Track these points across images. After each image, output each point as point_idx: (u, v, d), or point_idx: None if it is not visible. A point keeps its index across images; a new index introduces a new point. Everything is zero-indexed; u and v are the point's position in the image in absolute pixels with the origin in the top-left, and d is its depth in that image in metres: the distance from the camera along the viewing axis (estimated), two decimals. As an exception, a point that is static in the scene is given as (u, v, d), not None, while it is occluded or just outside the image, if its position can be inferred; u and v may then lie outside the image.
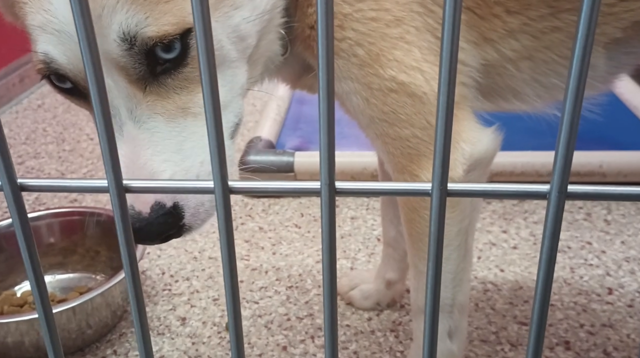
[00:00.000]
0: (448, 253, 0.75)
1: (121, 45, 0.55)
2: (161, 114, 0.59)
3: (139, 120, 0.59)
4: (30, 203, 1.49)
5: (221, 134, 0.37)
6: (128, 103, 0.58)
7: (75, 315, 0.99)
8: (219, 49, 0.61)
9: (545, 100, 0.77)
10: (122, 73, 0.57)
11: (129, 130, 0.59)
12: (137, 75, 0.58)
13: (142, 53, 0.56)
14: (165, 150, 0.59)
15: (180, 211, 0.60)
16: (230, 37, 0.62)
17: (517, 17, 0.69)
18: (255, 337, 1.07)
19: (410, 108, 0.68)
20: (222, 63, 0.62)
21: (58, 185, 0.41)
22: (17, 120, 2.06)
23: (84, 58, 0.35)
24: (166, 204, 0.59)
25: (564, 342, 1.03)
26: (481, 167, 0.72)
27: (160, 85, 0.59)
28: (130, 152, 0.58)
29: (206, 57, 0.33)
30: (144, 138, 0.59)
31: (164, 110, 0.59)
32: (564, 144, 0.34)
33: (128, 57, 0.56)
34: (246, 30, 0.63)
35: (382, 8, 0.66)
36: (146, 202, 0.58)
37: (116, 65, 0.57)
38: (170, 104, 0.60)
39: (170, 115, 0.60)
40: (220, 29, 0.60)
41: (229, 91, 0.63)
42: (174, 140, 0.60)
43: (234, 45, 0.62)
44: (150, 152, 0.59)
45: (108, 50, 0.56)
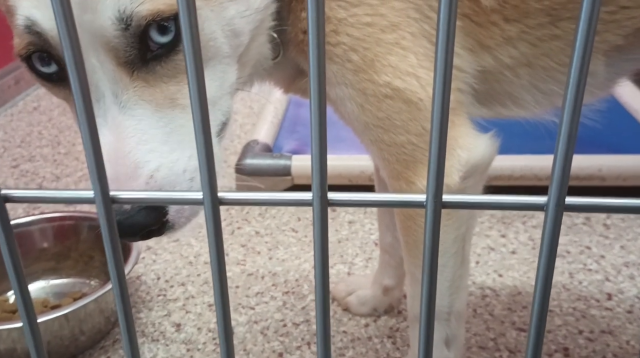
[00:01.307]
0: (445, 261, 0.74)
1: (116, 24, 0.53)
2: (148, 102, 0.56)
3: (124, 105, 0.55)
4: (24, 208, 1.48)
5: (210, 144, 0.36)
6: (114, 86, 0.55)
7: (69, 321, 0.98)
8: (213, 41, 0.59)
9: (543, 106, 0.76)
10: (111, 54, 0.54)
11: (113, 115, 0.55)
12: (126, 58, 0.55)
13: (135, 35, 0.54)
14: (151, 140, 0.56)
15: (165, 206, 0.57)
16: (225, 30, 0.60)
17: (515, 25, 0.69)
18: (250, 343, 1.06)
19: (405, 114, 0.67)
20: (214, 57, 0.60)
21: (43, 196, 0.40)
22: (12, 123, 2.05)
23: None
24: None
25: (563, 348, 1.02)
26: (478, 174, 0.72)
27: (149, 72, 0.56)
28: (114, 139, 0.55)
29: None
30: (130, 125, 0.55)
31: (152, 98, 0.56)
32: (562, 155, 0.33)
33: (121, 37, 0.54)
34: (240, 25, 0.61)
35: (378, 13, 0.65)
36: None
37: (105, 46, 0.54)
38: (158, 93, 0.57)
39: (158, 104, 0.57)
40: (214, 20, 0.58)
41: (218, 87, 0.61)
42: (161, 130, 0.57)
43: (227, 39, 0.60)
44: (135, 141, 0.55)
45: (100, 28, 0.53)
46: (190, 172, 0.58)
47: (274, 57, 0.71)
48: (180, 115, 0.58)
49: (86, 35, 0.53)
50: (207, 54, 0.59)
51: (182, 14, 0.32)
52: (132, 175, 0.55)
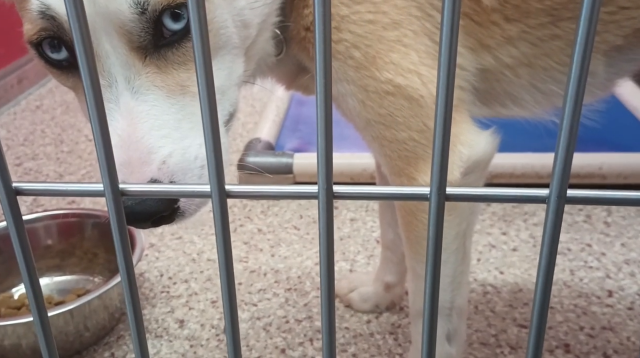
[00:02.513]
0: (446, 256, 0.75)
1: (132, 8, 0.53)
2: (160, 88, 0.56)
3: (137, 91, 0.55)
4: (27, 205, 1.49)
5: (218, 138, 0.37)
6: (126, 72, 0.55)
7: (73, 317, 0.98)
8: (224, 29, 0.59)
9: (543, 106, 0.77)
10: (124, 39, 0.54)
11: (126, 101, 0.55)
12: (139, 43, 0.55)
13: (150, 20, 0.54)
14: (164, 126, 0.56)
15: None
16: (235, 20, 0.60)
17: (516, 25, 0.69)
18: (253, 339, 1.06)
19: (407, 111, 0.68)
20: (224, 46, 0.60)
21: (54, 189, 0.41)
22: (15, 122, 2.05)
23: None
24: (162, 182, 0.55)
25: (564, 344, 1.02)
26: (479, 170, 0.72)
27: (160, 58, 0.56)
28: (127, 124, 0.55)
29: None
30: (142, 110, 0.55)
31: (164, 84, 0.57)
32: (564, 149, 0.33)
33: (137, 22, 0.54)
34: (249, 17, 0.62)
35: (380, 11, 0.66)
36: (140, 179, 0.55)
37: (120, 29, 0.54)
38: (170, 79, 0.57)
39: (170, 91, 0.57)
40: (226, 9, 0.59)
41: (227, 77, 0.62)
42: (173, 116, 0.57)
43: (237, 29, 0.61)
44: (148, 126, 0.55)
45: (115, 12, 0.53)
46: (201, 159, 0.58)
47: (277, 53, 0.72)
48: (190, 102, 0.58)
49: (100, 19, 0.53)
50: (217, 43, 0.59)
51: (190, 4, 0.32)
52: (146, 159, 0.55)
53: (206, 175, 0.57)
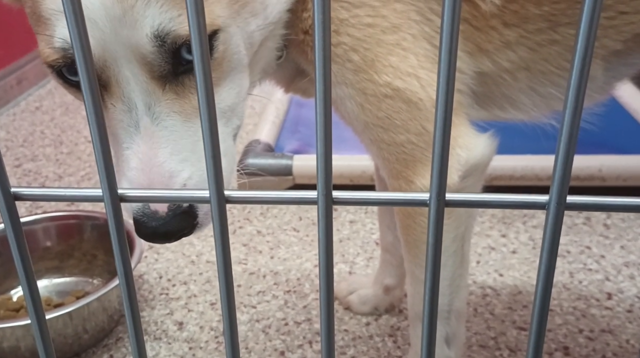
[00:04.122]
0: (444, 259, 0.75)
1: (153, 41, 0.55)
2: (178, 113, 0.59)
3: (157, 117, 0.58)
4: (27, 207, 1.49)
5: (217, 144, 0.36)
6: (147, 98, 0.58)
7: (72, 319, 0.98)
8: (237, 54, 0.61)
9: (542, 109, 0.77)
10: (145, 68, 0.56)
11: (146, 126, 0.58)
12: (159, 72, 0.57)
13: (169, 52, 0.56)
14: (182, 150, 0.59)
15: (195, 210, 0.60)
16: (245, 43, 0.62)
17: (515, 30, 0.69)
18: (252, 341, 1.06)
19: (405, 114, 0.68)
20: (235, 68, 0.62)
21: (52, 194, 0.41)
22: (14, 123, 2.05)
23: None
24: (182, 204, 0.59)
25: (563, 347, 1.02)
26: (477, 173, 0.72)
27: (179, 84, 0.58)
28: (148, 148, 0.58)
29: (203, 74, 0.33)
30: (162, 136, 0.58)
31: (181, 110, 0.59)
32: (563, 155, 0.33)
33: (157, 54, 0.55)
34: (256, 38, 0.64)
35: (379, 15, 0.66)
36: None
37: (141, 60, 0.56)
38: (187, 104, 0.59)
39: (187, 115, 0.59)
40: (239, 35, 0.60)
41: (237, 95, 0.64)
42: (190, 139, 0.59)
43: (247, 51, 0.63)
44: (168, 151, 0.58)
45: (137, 44, 0.55)
46: None
47: (277, 57, 0.72)
48: None
49: (122, 49, 0.55)
50: (230, 66, 0.61)
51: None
52: (168, 183, 0.58)
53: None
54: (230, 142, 0.65)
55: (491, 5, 0.67)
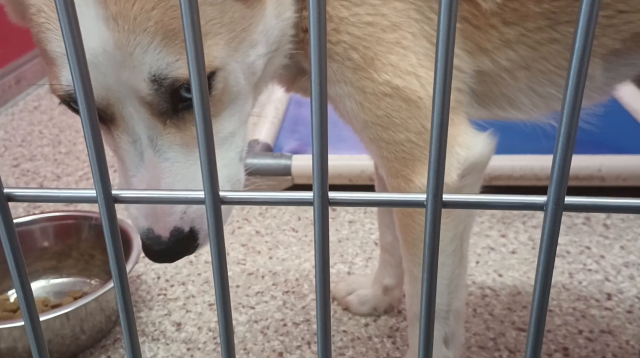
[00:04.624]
0: (443, 259, 0.74)
1: (150, 85, 0.57)
2: (180, 146, 0.62)
3: (159, 149, 0.61)
4: (24, 207, 1.48)
5: (211, 145, 0.36)
6: (149, 132, 0.61)
7: (69, 320, 0.98)
8: (237, 86, 0.63)
9: (541, 109, 0.77)
10: (146, 106, 0.59)
11: (149, 157, 0.61)
12: (159, 110, 0.59)
13: (167, 92, 0.58)
14: (183, 179, 0.62)
15: (196, 234, 0.63)
16: (246, 73, 0.64)
17: (514, 28, 0.69)
18: (251, 342, 1.06)
19: (405, 112, 0.68)
20: (236, 98, 0.64)
21: (46, 194, 0.40)
22: (13, 122, 2.05)
23: (70, 60, 0.34)
24: (184, 229, 0.62)
25: (563, 348, 1.02)
26: (476, 172, 0.72)
27: (180, 119, 0.61)
28: (151, 179, 0.61)
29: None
30: (164, 167, 0.61)
31: (183, 142, 0.62)
32: (561, 155, 0.33)
33: (154, 95, 0.58)
34: (258, 65, 0.65)
35: (379, 13, 0.66)
36: (166, 228, 0.62)
37: (141, 99, 0.58)
38: (189, 136, 0.62)
39: (188, 146, 0.62)
40: (239, 69, 0.62)
41: (237, 120, 0.65)
42: (191, 169, 0.63)
43: (247, 80, 0.64)
44: (170, 181, 0.61)
45: (135, 87, 0.57)
46: None
47: (285, 64, 0.72)
48: None
49: (123, 90, 0.58)
50: (230, 98, 0.63)
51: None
52: (170, 212, 0.62)
53: (225, 216, 0.65)
54: (235, 167, 0.67)
55: (492, 3, 0.67)
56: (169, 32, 0.56)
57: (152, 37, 0.56)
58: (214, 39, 0.59)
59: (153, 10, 0.55)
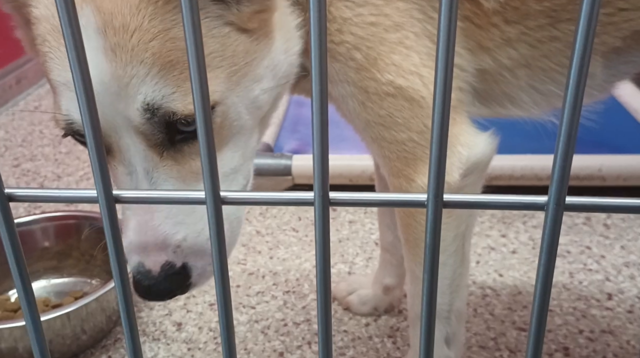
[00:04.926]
0: (445, 259, 0.74)
1: (143, 114, 0.56)
2: (176, 179, 0.60)
3: (155, 182, 0.60)
4: (25, 207, 1.48)
5: (212, 146, 0.36)
6: (145, 164, 0.59)
7: (70, 320, 0.98)
8: (238, 120, 0.61)
9: (542, 107, 0.77)
10: (141, 137, 0.58)
11: (145, 190, 0.60)
12: (155, 141, 0.58)
13: (162, 123, 0.57)
14: (179, 213, 0.60)
15: (189, 271, 0.61)
16: (249, 108, 0.62)
17: (515, 27, 0.69)
18: (251, 342, 1.06)
19: (407, 112, 0.68)
20: (238, 132, 0.62)
21: (47, 195, 0.40)
22: (13, 122, 2.05)
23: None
24: (176, 264, 0.60)
25: (563, 348, 1.02)
26: (478, 171, 0.72)
27: (177, 151, 0.60)
28: (145, 212, 0.60)
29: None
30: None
31: (179, 175, 0.60)
32: (562, 155, 0.33)
33: (148, 125, 0.57)
34: (264, 99, 0.64)
35: (382, 13, 0.66)
36: (157, 262, 0.60)
37: (136, 130, 0.58)
38: (186, 169, 0.60)
39: (185, 180, 0.61)
40: (240, 103, 0.61)
41: (241, 156, 0.64)
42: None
43: (251, 114, 0.63)
44: (164, 215, 0.60)
45: (130, 117, 0.57)
46: None
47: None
48: None
49: (120, 120, 0.57)
50: (231, 132, 0.61)
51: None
52: (162, 246, 0.60)
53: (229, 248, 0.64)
54: (234, 206, 0.66)
55: (494, 2, 0.67)
56: (166, 64, 0.55)
57: (149, 69, 0.55)
58: (214, 72, 0.58)
59: (151, 42, 0.55)
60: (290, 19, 0.65)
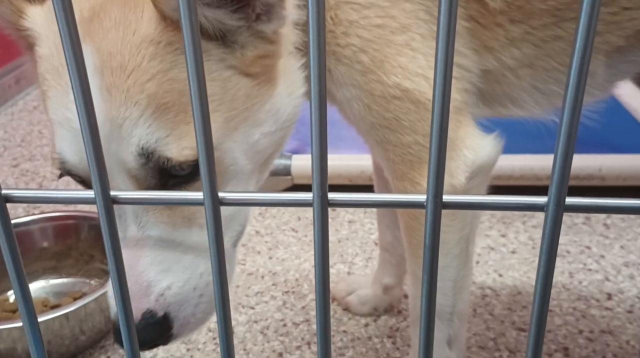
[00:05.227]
0: (449, 261, 0.74)
1: (137, 159, 0.55)
2: (166, 224, 0.59)
3: (143, 226, 0.58)
4: (24, 207, 1.48)
5: (211, 144, 0.36)
6: (134, 207, 0.58)
7: (69, 321, 0.98)
8: (234, 166, 0.60)
9: (543, 106, 0.77)
10: (133, 180, 0.57)
11: (132, 233, 0.58)
12: (147, 185, 0.57)
13: (156, 169, 0.56)
14: (165, 260, 0.59)
15: (170, 322, 0.59)
16: (247, 153, 0.61)
17: (520, 26, 0.69)
18: (250, 343, 1.06)
19: (413, 114, 0.67)
20: (234, 177, 0.61)
21: (44, 196, 0.40)
22: (12, 122, 2.05)
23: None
24: (157, 313, 0.58)
25: (563, 348, 1.02)
26: (483, 174, 0.72)
27: None
28: (131, 256, 0.58)
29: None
30: (146, 245, 0.58)
31: (169, 220, 0.59)
32: (562, 156, 0.33)
33: (142, 169, 0.56)
34: (264, 143, 0.62)
35: (389, 15, 0.65)
36: (138, 309, 0.58)
37: (128, 172, 0.57)
38: (177, 214, 0.59)
39: (175, 225, 0.59)
40: (237, 148, 0.59)
41: None
42: (176, 250, 0.60)
43: (250, 159, 0.61)
44: (149, 260, 0.58)
45: (123, 160, 0.56)
46: (201, 289, 0.61)
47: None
48: (197, 233, 0.60)
49: (112, 161, 0.56)
50: (227, 177, 0.60)
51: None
52: (145, 293, 0.58)
53: (204, 303, 0.61)
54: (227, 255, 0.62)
55: (500, 1, 0.67)
56: (161, 106, 0.54)
57: (143, 110, 0.54)
58: (211, 116, 0.57)
59: (148, 82, 0.54)
60: (293, 62, 0.64)
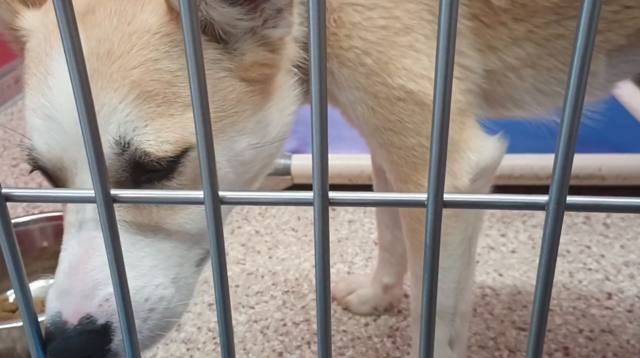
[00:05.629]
0: (451, 262, 0.74)
1: (112, 148, 0.52)
2: (130, 224, 0.55)
3: None
4: (24, 206, 1.48)
5: (211, 144, 0.36)
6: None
7: (69, 320, 0.98)
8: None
9: (545, 107, 0.77)
10: None
11: (88, 230, 0.54)
12: (117, 179, 0.54)
13: (131, 162, 0.53)
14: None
15: (110, 333, 0.53)
16: (231, 161, 0.59)
17: (523, 25, 0.69)
18: (250, 342, 1.06)
19: (418, 116, 0.67)
20: None
21: (44, 195, 0.40)
22: (12, 122, 2.05)
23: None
24: (97, 320, 0.52)
25: (563, 347, 1.02)
26: (487, 176, 0.72)
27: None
28: (82, 253, 0.53)
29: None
30: (101, 243, 0.49)
31: (134, 220, 0.55)
32: (563, 155, 0.33)
33: (115, 161, 0.53)
34: (250, 155, 0.60)
35: (392, 16, 0.65)
36: (77, 313, 0.52)
37: None
38: (144, 216, 0.55)
39: (140, 227, 0.55)
40: (220, 152, 0.57)
41: None
42: (135, 254, 0.55)
43: (233, 168, 0.59)
44: (102, 260, 0.53)
45: None
46: (153, 302, 0.55)
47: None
48: (162, 240, 0.56)
49: (82, 152, 0.52)
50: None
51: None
52: (88, 294, 0.53)
53: (153, 319, 0.55)
54: (187, 270, 0.58)
55: (504, 0, 0.67)
56: (143, 94, 0.52)
57: (123, 97, 0.52)
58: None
59: (133, 69, 0.52)
60: (289, 79, 0.63)
